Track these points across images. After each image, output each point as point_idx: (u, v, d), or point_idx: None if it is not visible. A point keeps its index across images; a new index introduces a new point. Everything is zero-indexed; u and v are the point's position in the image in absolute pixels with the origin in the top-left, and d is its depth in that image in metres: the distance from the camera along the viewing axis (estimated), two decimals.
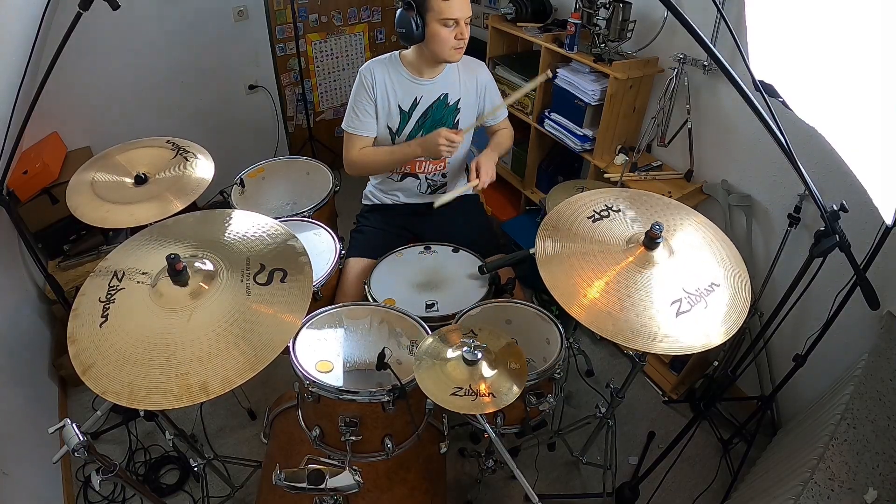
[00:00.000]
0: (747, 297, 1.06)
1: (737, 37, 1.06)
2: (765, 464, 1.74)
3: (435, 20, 1.52)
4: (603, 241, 1.13)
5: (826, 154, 1.47)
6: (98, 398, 1.69)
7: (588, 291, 1.04)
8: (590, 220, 1.18)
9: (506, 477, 1.84)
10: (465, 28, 1.55)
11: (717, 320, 1.02)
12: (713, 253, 1.14)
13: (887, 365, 1.36)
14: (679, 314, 1.01)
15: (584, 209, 1.21)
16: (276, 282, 1.04)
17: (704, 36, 0.88)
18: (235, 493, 1.73)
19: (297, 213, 1.74)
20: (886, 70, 1.03)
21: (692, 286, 1.05)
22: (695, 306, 1.02)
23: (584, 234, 1.15)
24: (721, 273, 1.09)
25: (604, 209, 1.21)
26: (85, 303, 1.02)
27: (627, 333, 0.98)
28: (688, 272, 1.08)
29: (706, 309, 1.03)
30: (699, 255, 1.12)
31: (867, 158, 1.13)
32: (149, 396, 0.88)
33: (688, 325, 1.00)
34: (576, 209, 1.21)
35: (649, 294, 1.03)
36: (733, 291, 1.06)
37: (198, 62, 2.70)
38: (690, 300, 1.03)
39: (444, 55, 1.59)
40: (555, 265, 1.09)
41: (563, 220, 1.19)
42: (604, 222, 1.18)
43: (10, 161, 1.72)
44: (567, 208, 1.22)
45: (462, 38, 1.56)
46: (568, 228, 1.17)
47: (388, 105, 1.69)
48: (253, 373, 0.91)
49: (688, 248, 1.13)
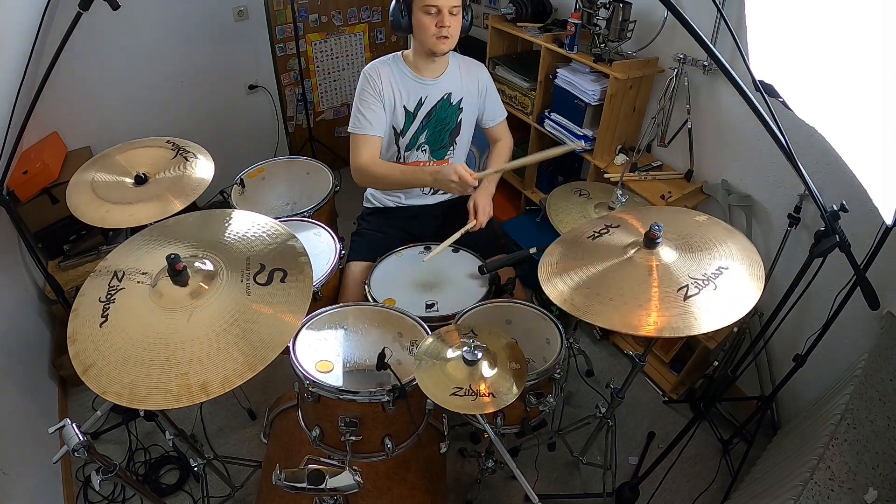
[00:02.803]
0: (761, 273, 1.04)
1: (737, 37, 1.06)
2: (765, 464, 1.74)
3: (418, 8, 1.53)
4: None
5: (826, 154, 1.47)
6: (98, 398, 1.69)
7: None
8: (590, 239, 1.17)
9: (506, 477, 1.84)
10: (450, 18, 1.52)
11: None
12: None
13: (887, 365, 1.36)
14: (687, 297, 0.98)
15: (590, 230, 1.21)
16: (276, 282, 1.04)
17: (704, 36, 0.88)
18: (235, 493, 1.73)
19: (297, 213, 1.74)
20: (886, 70, 1.03)
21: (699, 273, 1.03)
22: (702, 290, 1.00)
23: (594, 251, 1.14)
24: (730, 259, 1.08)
25: (604, 228, 1.20)
26: (85, 303, 1.02)
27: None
28: (692, 263, 1.07)
29: (716, 291, 1.00)
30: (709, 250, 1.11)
31: (867, 158, 1.13)
32: (149, 396, 0.88)
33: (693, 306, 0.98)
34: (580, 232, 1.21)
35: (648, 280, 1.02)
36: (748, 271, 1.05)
37: (198, 62, 2.70)
38: (697, 284, 1.01)
39: (428, 44, 1.58)
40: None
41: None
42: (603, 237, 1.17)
43: (10, 161, 1.72)
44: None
45: (443, 26, 1.53)
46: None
47: (394, 105, 1.69)
48: (253, 373, 0.91)
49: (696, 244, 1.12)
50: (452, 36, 1.57)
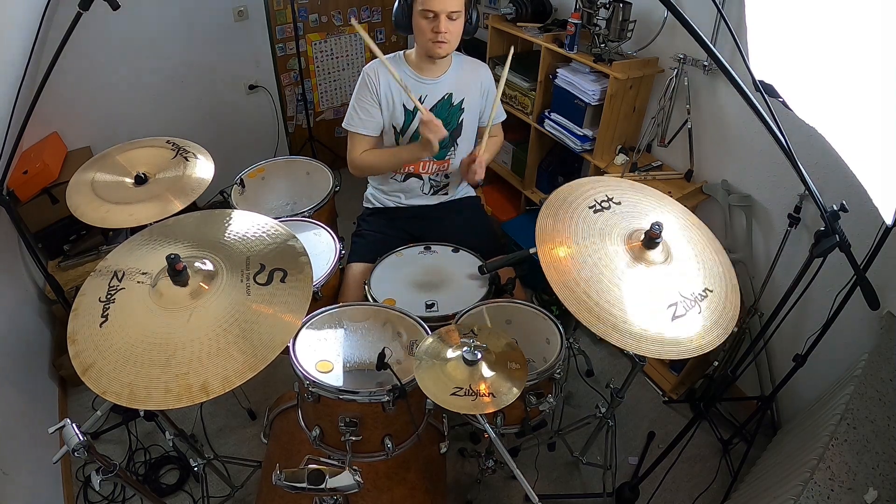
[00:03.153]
0: (736, 301, 1.09)
1: (737, 37, 1.06)
2: (765, 464, 1.74)
3: (417, 11, 1.53)
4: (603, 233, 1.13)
5: (826, 154, 1.47)
6: (98, 398, 1.69)
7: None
8: (591, 210, 1.18)
9: (506, 477, 1.84)
10: (447, 23, 1.52)
11: (709, 324, 1.03)
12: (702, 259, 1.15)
13: (887, 365, 1.36)
14: (674, 318, 1.02)
15: (586, 199, 1.21)
16: (277, 282, 1.04)
17: (704, 36, 0.88)
18: (235, 493, 1.73)
19: (297, 214, 1.74)
20: (886, 70, 1.03)
21: (687, 291, 1.07)
22: (688, 312, 1.04)
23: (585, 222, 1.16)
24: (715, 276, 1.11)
25: (605, 200, 1.20)
26: (85, 303, 1.02)
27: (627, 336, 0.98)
28: (682, 277, 1.09)
29: (700, 314, 1.04)
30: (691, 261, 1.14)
31: (867, 159, 1.13)
32: (149, 396, 0.88)
33: (677, 330, 1.01)
34: (577, 197, 1.22)
35: (646, 295, 1.04)
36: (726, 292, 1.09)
37: (198, 62, 2.70)
38: (685, 305, 1.04)
39: (425, 48, 1.59)
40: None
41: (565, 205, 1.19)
42: (604, 214, 1.18)
43: (10, 161, 1.72)
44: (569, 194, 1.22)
45: (439, 31, 1.52)
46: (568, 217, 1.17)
47: (393, 104, 1.69)
48: (253, 373, 0.91)
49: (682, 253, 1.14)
50: (450, 41, 1.57)
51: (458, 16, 1.53)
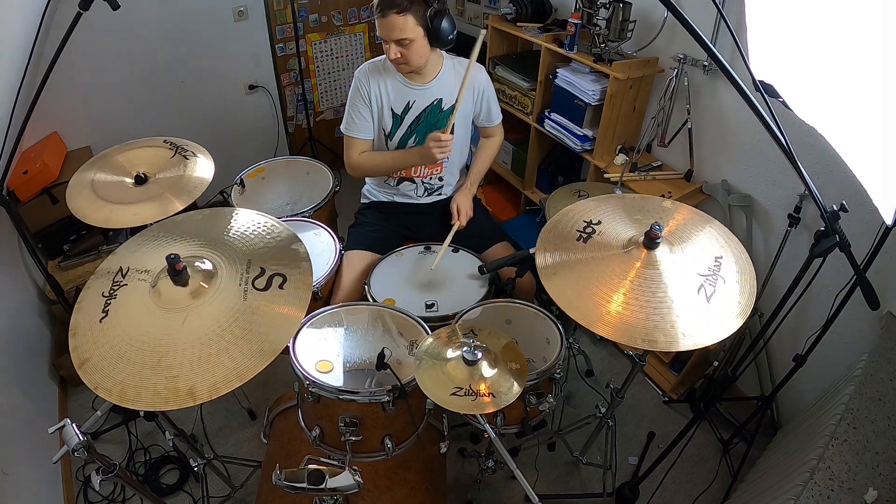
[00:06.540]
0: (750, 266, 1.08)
1: (737, 37, 1.06)
2: (765, 464, 1.74)
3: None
4: (600, 251, 1.12)
5: (826, 154, 1.47)
6: (98, 398, 1.69)
7: (609, 307, 1.01)
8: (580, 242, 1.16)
9: (506, 477, 1.84)
10: (398, 48, 1.50)
11: (735, 294, 1.03)
12: (705, 233, 1.15)
13: (887, 365, 1.36)
14: (710, 298, 1.01)
15: (572, 228, 1.20)
16: (275, 287, 1.03)
17: (704, 36, 0.88)
18: (235, 493, 1.73)
19: (297, 213, 1.74)
20: (886, 70, 1.03)
21: (704, 267, 1.06)
22: (716, 285, 1.03)
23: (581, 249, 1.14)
24: (719, 246, 1.12)
25: (587, 226, 1.19)
26: (89, 296, 1.02)
27: (661, 338, 0.97)
28: (691, 258, 1.09)
29: (725, 284, 1.03)
30: (695, 240, 1.13)
31: (867, 158, 1.13)
32: (138, 396, 0.87)
33: (719, 306, 1.01)
34: (568, 224, 1.21)
35: (668, 291, 1.03)
36: (736, 260, 1.09)
37: (198, 62, 2.70)
38: (710, 281, 1.04)
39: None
40: (560, 279, 1.09)
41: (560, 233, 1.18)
42: (593, 238, 1.16)
43: (10, 161, 1.72)
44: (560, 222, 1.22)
45: (391, 56, 1.52)
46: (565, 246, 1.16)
47: (381, 108, 1.69)
48: (241, 382, 0.90)
49: (681, 238, 1.14)
50: (409, 61, 1.55)
51: (408, 42, 1.49)
